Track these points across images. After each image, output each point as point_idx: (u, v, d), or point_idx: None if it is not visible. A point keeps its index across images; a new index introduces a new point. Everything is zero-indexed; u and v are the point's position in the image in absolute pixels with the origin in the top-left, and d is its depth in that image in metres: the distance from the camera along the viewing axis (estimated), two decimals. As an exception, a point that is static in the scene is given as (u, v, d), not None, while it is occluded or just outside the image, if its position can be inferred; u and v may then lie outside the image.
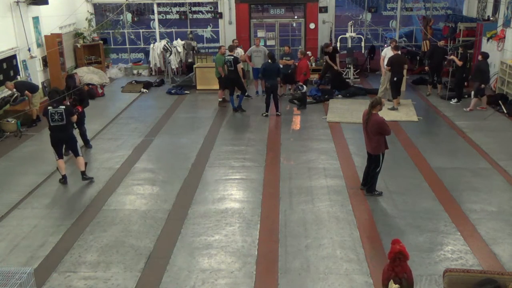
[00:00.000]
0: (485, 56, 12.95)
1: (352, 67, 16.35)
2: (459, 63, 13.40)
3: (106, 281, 5.93)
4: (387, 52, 13.76)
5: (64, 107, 8.61)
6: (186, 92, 15.57)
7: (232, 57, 13.22)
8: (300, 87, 13.53)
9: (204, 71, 15.53)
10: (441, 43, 14.79)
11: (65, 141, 8.77)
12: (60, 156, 8.75)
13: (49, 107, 8.55)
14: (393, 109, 12.74)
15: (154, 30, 18.84)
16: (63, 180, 8.80)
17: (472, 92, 12.96)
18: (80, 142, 9.53)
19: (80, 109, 9.77)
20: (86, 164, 8.99)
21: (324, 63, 15.61)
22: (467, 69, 13.94)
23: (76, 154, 8.85)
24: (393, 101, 13.10)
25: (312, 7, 17.57)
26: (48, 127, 8.69)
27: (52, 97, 8.71)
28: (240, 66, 13.31)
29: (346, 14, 19.30)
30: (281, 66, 13.87)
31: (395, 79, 13.01)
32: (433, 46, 15.19)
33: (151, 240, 6.83)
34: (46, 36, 14.43)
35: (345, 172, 9.08)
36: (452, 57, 14.06)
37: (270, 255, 6.43)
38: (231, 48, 13.68)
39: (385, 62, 13.44)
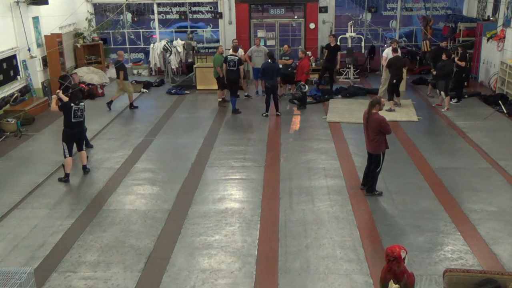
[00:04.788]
0: (449, 55, 13.03)
1: (352, 67, 16.35)
2: (462, 64, 13.42)
3: (106, 281, 5.93)
4: (389, 52, 13.75)
5: (83, 103, 9.00)
6: (186, 92, 15.58)
7: (237, 58, 13.17)
8: (302, 86, 13.52)
9: (204, 71, 15.53)
10: (443, 44, 14.82)
11: (79, 137, 9.03)
12: (70, 153, 8.86)
13: (72, 104, 8.76)
14: (390, 110, 12.68)
15: (154, 30, 18.84)
16: (66, 178, 8.83)
17: (442, 93, 12.98)
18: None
19: (85, 87, 10.00)
20: (87, 157, 9.35)
21: (324, 59, 15.62)
22: (467, 69, 13.92)
23: (81, 149, 9.13)
24: (388, 102, 13.02)
25: (312, 7, 17.57)
26: (67, 123, 8.81)
27: (76, 95, 9.03)
28: (242, 67, 13.27)
29: (346, 14, 19.30)
30: (280, 66, 13.86)
31: (394, 81, 12.99)
32: (437, 47, 15.19)
33: (151, 240, 6.83)
34: (46, 36, 14.42)
35: (345, 172, 9.08)
36: (456, 60, 13.90)
37: (270, 255, 6.43)
38: (235, 49, 13.59)
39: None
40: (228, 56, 13.27)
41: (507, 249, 6.48)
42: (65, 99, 8.99)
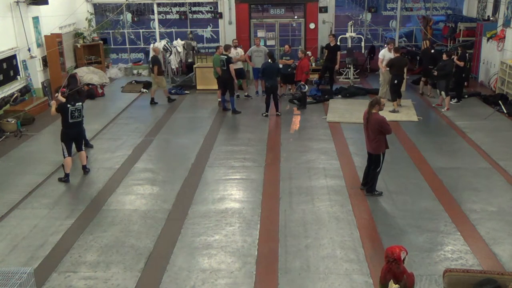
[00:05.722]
0: (450, 54, 13.04)
1: (352, 67, 16.35)
2: (461, 64, 13.42)
3: (106, 281, 5.93)
4: (385, 54, 13.76)
5: (81, 103, 8.98)
6: (186, 92, 15.57)
7: (226, 57, 13.12)
8: (302, 86, 13.51)
9: (204, 71, 15.53)
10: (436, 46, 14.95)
11: (77, 137, 9.03)
12: (70, 153, 8.86)
13: (68, 105, 8.75)
14: (393, 111, 12.68)
15: (154, 30, 18.84)
16: (66, 178, 8.84)
17: (443, 92, 12.97)
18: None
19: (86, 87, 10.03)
20: (86, 157, 9.34)
21: (324, 59, 15.63)
22: (467, 69, 13.89)
23: (80, 149, 9.14)
24: (392, 103, 13.01)
25: (312, 7, 17.57)
26: (65, 124, 8.81)
27: (73, 96, 9.02)
28: (232, 66, 13.19)
29: (346, 14, 19.30)
30: (281, 66, 13.85)
31: (395, 81, 12.96)
32: (434, 49, 15.18)
33: (151, 240, 6.83)
34: (46, 36, 14.42)
35: (345, 172, 9.08)
36: (455, 60, 13.87)
37: (270, 255, 6.43)
38: (226, 48, 13.57)
39: (384, 64, 13.45)
40: (220, 56, 13.24)
41: (507, 249, 6.48)
42: (62, 100, 8.99)
